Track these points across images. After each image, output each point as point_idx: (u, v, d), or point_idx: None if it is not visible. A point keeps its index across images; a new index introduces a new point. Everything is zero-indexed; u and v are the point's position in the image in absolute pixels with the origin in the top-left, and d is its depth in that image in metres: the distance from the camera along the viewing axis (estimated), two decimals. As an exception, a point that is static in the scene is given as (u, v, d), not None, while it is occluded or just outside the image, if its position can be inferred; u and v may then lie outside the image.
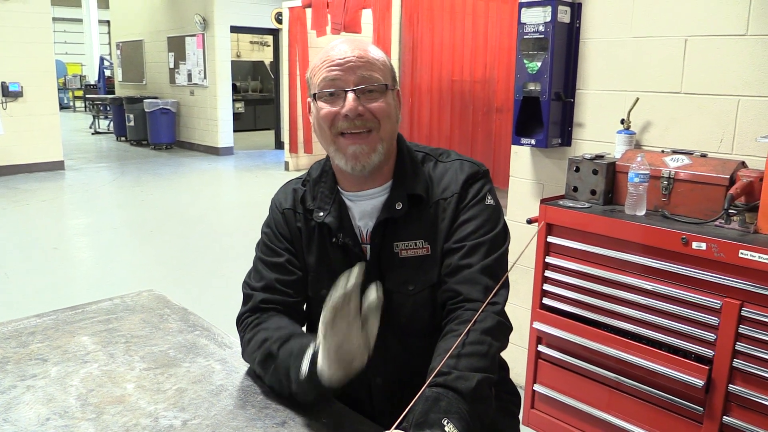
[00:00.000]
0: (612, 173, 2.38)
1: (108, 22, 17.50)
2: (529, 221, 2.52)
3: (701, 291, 1.99)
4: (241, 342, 1.36)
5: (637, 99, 2.47)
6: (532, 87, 2.68)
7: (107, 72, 18.05)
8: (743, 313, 1.89)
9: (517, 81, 2.73)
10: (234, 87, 13.15)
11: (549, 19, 2.59)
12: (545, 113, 2.65)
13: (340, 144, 1.28)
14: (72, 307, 1.71)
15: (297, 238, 1.39)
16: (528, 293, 2.62)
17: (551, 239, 2.39)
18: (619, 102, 2.55)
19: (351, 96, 1.25)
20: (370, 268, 1.33)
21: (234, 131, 11.83)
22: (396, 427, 1.01)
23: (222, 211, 7.33)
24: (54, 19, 9.50)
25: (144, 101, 12.00)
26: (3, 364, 1.38)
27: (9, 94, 8.84)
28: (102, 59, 18.36)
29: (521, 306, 2.92)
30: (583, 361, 2.33)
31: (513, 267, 1.35)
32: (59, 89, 16.36)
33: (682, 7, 2.35)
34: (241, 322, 1.38)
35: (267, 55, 16.97)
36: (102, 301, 1.75)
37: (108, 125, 15.23)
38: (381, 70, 1.29)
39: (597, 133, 2.65)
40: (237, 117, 13.95)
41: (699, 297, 1.98)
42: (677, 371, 2.03)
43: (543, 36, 2.61)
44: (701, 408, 2.01)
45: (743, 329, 1.90)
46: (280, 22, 10.88)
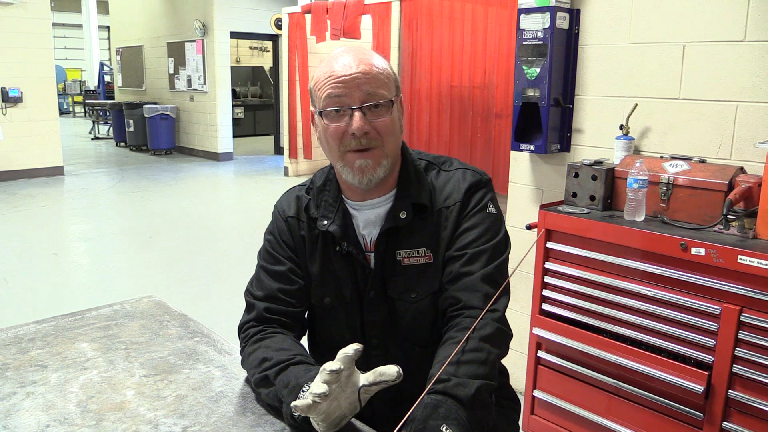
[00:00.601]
0: (611, 179, 2.38)
1: (108, 27, 17.53)
2: (529, 227, 2.52)
3: (700, 296, 1.99)
4: (242, 352, 1.36)
5: (636, 105, 2.48)
6: (531, 93, 2.68)
7: (107, 77, 18.10)
8: (743, 319, 1.89)
9: (516, 87, 2.73)
10: (233, 92, 13.17)
11: (548, 26, 2.60)
12: (544, 119, 2.66)
13: (347, 159, 1.29)
14: (71, 314, 1.71)
15: (300, 246, 1.40)
16: (528, 299, 2.62)
17: (551, 245, 2.39)
18: (618, 108, 2.56)
19: (358, 115, 1.25)
20: (373, 276, 1.34)
21: (233, 137, 11.85)
22: (395, 434, 1.01)
23: (221, 217, 7.34)
24: (54, 25, 9.52)
25: (143, 107, 12.02)
26: (2, 370, 1.38)
27: (9, 99, 8.85)
28: (102, 65, 18.41)
29: (521, 312, 2.92)
30: (583, 367, 2.33)
31: (513, 274, 1.35)
32: (59, 95, 16.36)
33: (680, 14, 2.36)
34: (243, 331, 1.38)
35: (267, 61, 17.00)
36: (101, 308, 1.75)
37: (107, 131, 15.25)
38: (386, 84, 1.29)
39: (596, 139, 2.66)
40: (236, 122, 13.98)
41: (698, 302, 1.99)
42: (677, 377, 2.03)
43: (542, 42, 2.62)
44: (701, 414, 2.01)
45: (743, 335, 1.90)
46: (279, 27, 10.91)
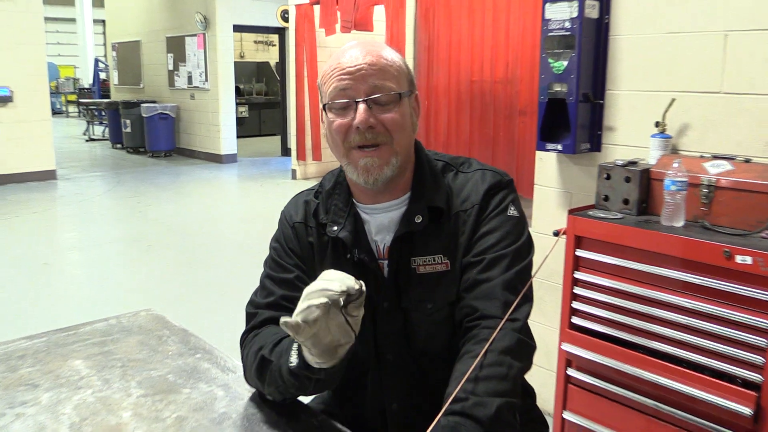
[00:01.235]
0: (646, 181, 2.36)
1: (103, 21, 17.72)
2: (556, 233, 2.50)
3: (747, 309, 1.96)
4: (243, 362, 1.37)
5: (673, 100, 2.46)
6: (557, 88, 2.67)
7: (102, 75, 18.26)
8: (793, 334, 1.87)
9: (542, 81, 2.72)
10: (237, 90, 13.24)
11: (576, 15, 2.59)
12: (572, 116, 2.65)
13: (352, 157, 1.29)
14: (64, 329, 1.72)
15: (308, 253, 1.40)
16: (555, 312, 2.60)
17: (580, 253, 2.38)
18: (653, 103, 2.54)
19: (362, 107, 1.26)
20: (387, 285, 1.33)
21: (237, 137, 11.92)
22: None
23: (225, 224, 7.37)
24: (45, 19, 9.61)
25: (141, 106, 12.12)
26: (-9, 390, 1.39)
27: (-2, 99, 8.97)
28: (96, 61, 18.57)
29: (548, 326, 2.91)
30: (618, 387, 2.30)
31: (534, 280, 1.34)
32: (51, 93, 16.54)
33: (721, 0, 2.34)
34: (243, 341, 1.39)
35: (272, 56, 17.09)
36: (96, 322, 1.76)
37: (103, 132, 15.39)
38: (395, 76, 1.29)
39: (629, 138, 2.64)
40: (240, 122, 14.05)
41: (744, 316, 1.96)
42: (722, 398, 2.01)
43: (569, 33, 2.61)
44: (748, 438, 1.98)
45: (793, 351, 1.87)
46: (286, 20, 10.96)
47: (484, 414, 1.08)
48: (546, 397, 2.79)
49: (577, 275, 2.39)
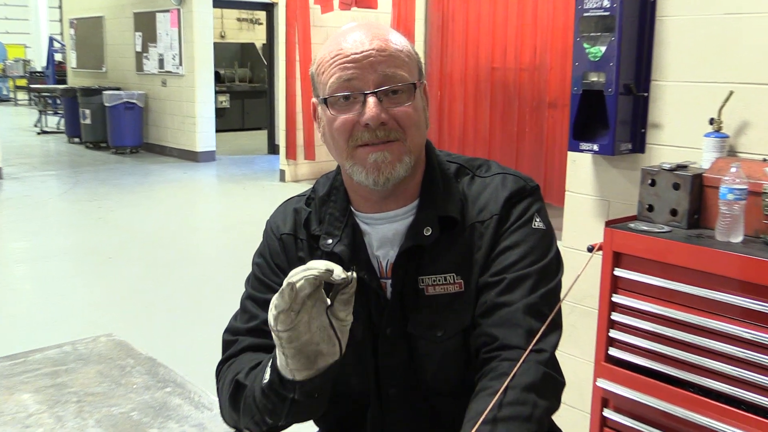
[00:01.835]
0: (698, 188, 2.36)
1: (60, -6, 17.81)
2: (591, 249, 2.51)
3: (815, 341, 1.96)
4: (218, 396, 1.37)
5: (731, 93, 2.46)
6: (594, 78, 2.68)
7: (57, 56, 18.33)
8: None
9: (575, 70, 2.73)
10: (217, 76, 13.27)
11: (616, -8, 2.60)
12: (611, 111, 2.65)
13: (358, 156, 1.29)
14: (9, 356, 1.72)
15: None
16: (590, 342, 2.60)
17: (620, 272, 2.38)
18: (708, 97, 2.55)
19: (372, 101, 1.25)
20: (390, 309, 1.34)
21: (216, 131, 11.93)
22: None
23: (200, 234, 7.38)
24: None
25: (103, 93, 12.15)
26: (-77, 427, 1.39)
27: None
28: (51, 40, 18.66)
29: (581, 358, 2.90)
30: (663, 431, 2.30)
31: (564, 304, 1.34)
32: (-2, 78, 16.63)
33: (788, -24, 2.35)
34: (219, 372, 1.39)
35: (259, 36, 17.13)
36: (48, 349, 1.76)
37: (58, 123, 15.43)
38: (406, 63, 1.30)
39: (678, 137, 2.65)
40: (220, 113, 14.08)
41: (813, 349, 1.96)
42: (785, 445, 2.00)
43: (608, 13, 2.62)
44: (817, 494, 1.98)
45: None
46: (275, -6, 11.01)
47: (504, 462, 1.09)
48: (578, 443, 2.78)
49: (616, 299, 2.39)
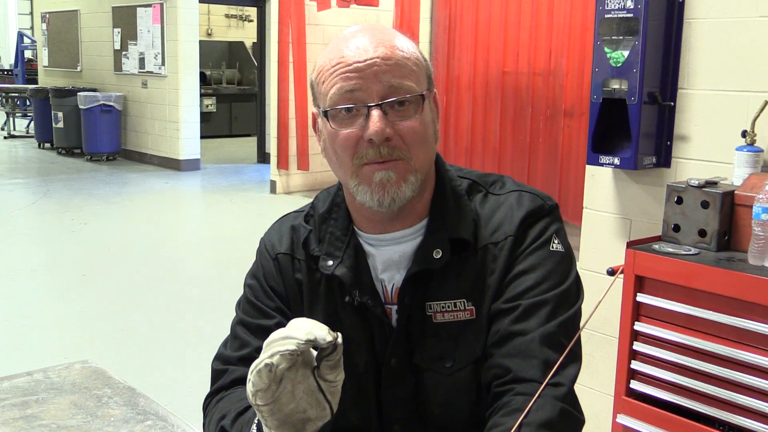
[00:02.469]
0: (729, 207, 2.37)
1: (31, -15, 17.86)
2: (611, 272, 2.51)
3: None
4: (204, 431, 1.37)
5: (766, 103, 2.47)
6: (615, 85, 2.69)
7: (28, 53, 18.35)
8: None
9: (595, 76, 2.74)
10: (203, 77, 13.30)
11: (641, -8, 2.61)
12: (634, 122, 2.66)
13: (364, 174, 1.29)
14: (-25, 385, 1.72)
15: (294, 294, 1.41)
16: (609, 374, 2.60)
17: (642, 298, 2.38)
18: (740, 107, 2.55)
19: (376, 114, 1.25)
20: (395, 337, 1.34)
21: (201, 137, 11.93)
22: None
23: (184, 250, 7.37)
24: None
25: (78, 95, 12.15)
26: None
27: None
28: (21, 35, 18.68)
29: (599, 391, 2.90)
30: (689, 473, 2.30)
31: (583, 333, 1.35)
32: (-37, 77, 16.65)
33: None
34: (207, 406, 1.39)
35: (249, 35, 17.18)
36: (16, 377, 1.76)
37: (27, 126, 15.43)
38: (414, 72, 1.30)
39: (707, 150, 2.65)
40: (206, 118, 14.10)
41: None
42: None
43: (632, 15, 2.63)
44: None
45: None
46: (267, -11, 11.05)
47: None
48: (595, 485, 2.77)
49: (638, 327, 2.39)
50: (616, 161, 2.74)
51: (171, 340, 4.89)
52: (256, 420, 1.19)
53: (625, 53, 2.66)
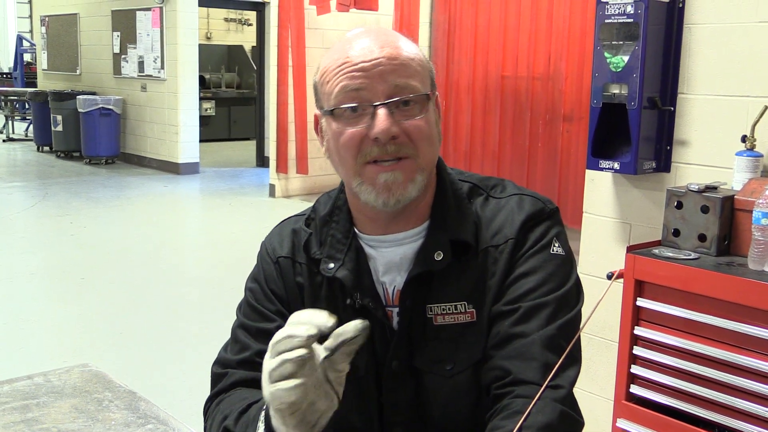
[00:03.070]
0: (729, 211, 2.37)
1: (31, -12, 17.86)
2: (610, 276, 2.51)
3: None
4: None
5: (766, 108, 2.47)
6: (615, 90, 2.69)
7: (27, 57, 18.34)
8: None
9: (595, 81, 2.74)
10: (202, 81, 13.29)
11: (641, -3, 2.62)
12: (634, 126, 2.66)
13: (367, 174, 1.29)
14: (-25, 388, 1.72)
15: (295, 297, 1.41)
16: (609, 378, 2.60)
17: (642, 303, 2.38)
18: (740, 112, 2.56)
19: (382, 113, 1.26)
20: (396, 340, 1.34)
21: (200, 141, 11.93)
22: None
23: (182, 253, 7.36)
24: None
25: (77, 98, 12.14)
26: None
27: None
28: (20, 39, 18.68)
29: (599, 396, 2.90)
30: (688, 477, 2.30)
31: (582, 336, 1.35)
32: (-39, 80, 16.64)
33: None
34: (207, 410, 1.39)
35: (248, 38, 17.19)
36: (17, 380, 1.75)
37: (26, 129, 15.42)
38: (419, 73, 1.31)
39: (707, 155, 2.66)
40: (205, 122, 14.08)
41: None
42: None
43: (632, 20, 2.63)
44: None
45: None
46: (266, -7, 11.06)
47: None
48: (595, 489, 2.77)
49: (638, 331, 2.39)
50: (615, 166, 2.74)
51: (170, 342, 4.89)
52: (262, 417, 1.19)
53: (625, 58, 2.66)
